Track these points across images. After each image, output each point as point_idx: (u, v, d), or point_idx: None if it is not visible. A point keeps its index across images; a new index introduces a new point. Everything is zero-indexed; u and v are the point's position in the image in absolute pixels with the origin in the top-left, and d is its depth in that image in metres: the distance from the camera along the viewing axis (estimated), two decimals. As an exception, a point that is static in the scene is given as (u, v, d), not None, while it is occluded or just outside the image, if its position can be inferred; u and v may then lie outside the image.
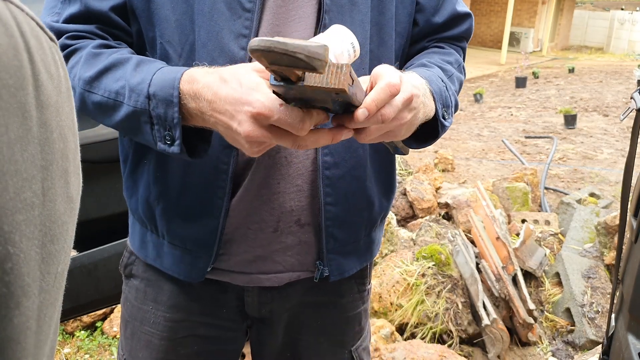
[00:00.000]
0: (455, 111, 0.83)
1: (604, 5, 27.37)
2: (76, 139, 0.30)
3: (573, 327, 2.60)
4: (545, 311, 2.76)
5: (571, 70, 13.28)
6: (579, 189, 4.66)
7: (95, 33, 0.77)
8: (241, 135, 0.63)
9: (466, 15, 0.92)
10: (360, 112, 0.61)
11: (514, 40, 18.80)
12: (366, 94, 0.65)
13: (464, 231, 3.07)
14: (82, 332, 2.42)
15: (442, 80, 0.80)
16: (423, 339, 2.41)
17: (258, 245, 0.85)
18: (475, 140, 6.81)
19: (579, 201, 3.76)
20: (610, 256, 2.84)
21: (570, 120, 7.37)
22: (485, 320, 2.34)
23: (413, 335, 2.44)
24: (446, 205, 3.48)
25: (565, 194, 4.36)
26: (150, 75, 0.69)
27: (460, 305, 2.47)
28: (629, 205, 1.26)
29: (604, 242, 2.91)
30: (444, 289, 2.49)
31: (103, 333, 2.43)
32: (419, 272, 2.53)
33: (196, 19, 0.74)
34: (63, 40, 0.76)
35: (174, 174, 0.82)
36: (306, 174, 0.83)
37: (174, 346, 0.94)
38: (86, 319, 2.44)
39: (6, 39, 0.23)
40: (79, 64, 0.74)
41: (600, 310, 2.57)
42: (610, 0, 28.65)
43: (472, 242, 2.84)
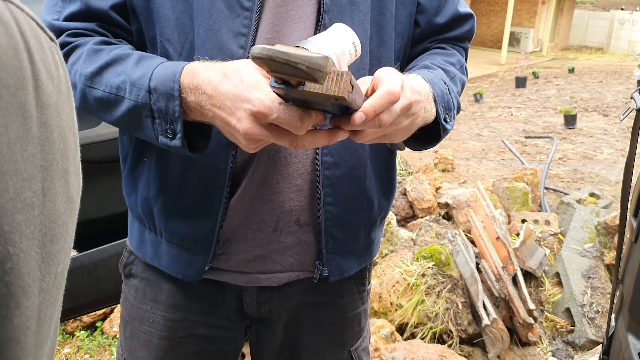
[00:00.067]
0: (457, 113, 0.83)
1: (604, 5, 27.37)
2: (76, 139, 0.30)
3: (573, 327, 2.60)
4: (545, 311, 2.76)
5: (571, 70, 13.28)
6: (579, 189, 4.66)
7: (95, 31, 0.78)
8: (240, 132, 0.63)
9: (468, 16, 0.92)
10: (357, 116, 0.62)
11: (514, 40, 18.80)
12: (367, 95, 0.66)
13: (464, 231, 3.07)
14: (82, 332, 2.42)
15: (445, 83, 0.79)
16: (423, 339, 2.40)
17: (257, 245, 0.85)
18: (475, 140, 6.81)
19: (579, 201, 3.76)
20: (610, 256, 2.84)
21: (570, 120, 7.37)
22: (485, 320, 2.34)
23: (413, 335, 2.44)
24: (446, 205, 3.48)
25: (565, 194, 4.36)
26: (151, 69, 0.69)
27: (460, 305, 2.46)
28: (629, 205, 1.26)
29: (604, 242, 2.91)
30: (444, 289, 2.49)
31: (103, 333, 2.43)
32: (419, 272, 2.53)
33: (195, 18, 0.74)
34: (64, 38, 0.76)
35: (172, 172, 0.82)
36: (306, 174, 0.83)
37: (173, 346, 0.94)
38: (86, 319, 2.44)
39: (6, 39, 0.23)
40: (80, 60, 0.74)
41: (600, 310, 2.57)
42: (610, 0, 28.64)
43: (472, 242, 2.84)
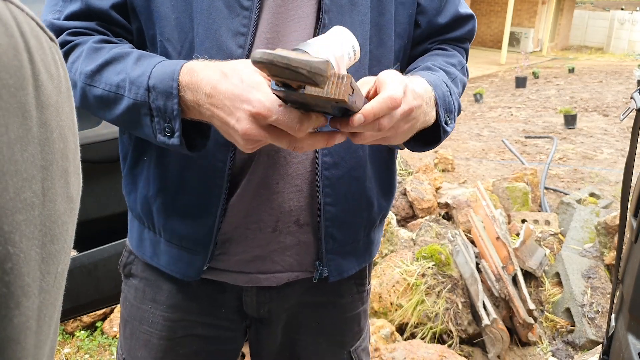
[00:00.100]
0: (457, 114, 0.83)
1: (604, 5, 27.36)
2: (76, 139, 0.30)
3: (573, 327, 2.60)
4: (545, 311, 2.76)
5: (571, 70, 13.28)
6: (579, 189, 4.66)
7: (95, 30, 0.78)
8: (238, 132, 0.63)
9: (469, 17, 0.92)
10: (356, 118, 0.63)
11: (514, 40, 18.80)
12: (368, 96, 0.66)
13: (464, 231, 3.07)
14: (82, 332, 2.42)
15: (446, 85, 0.80)
16: (423, 339, 2.40)
17: (257, 245, 0.85)
18: (475, 140, 6.81)
19: (579, 201, 3.76)
20: (610, 256, 2.84)
21: (570, 120, 7.37)
22: (485, 320, 2.34)
23: (413, 335, 2.44)
24: (446, 205, 3.48)
25: (565, 194, 4.36)
26: (150, 68, 0.69)
27: (460, 305, 2.46)
28: (629, 205, 1.26)
29: (604, 242, 2.91)
30: (444, 289, 2.49)
31: (103, 333, 2.43)
32: (419, 272, 2.53)
33: (195, 17, 0.75)
34: (64, 37, 0.77)
35: (172, 171, 0.82)
36: (305, 174, 0.83)
37: (173, 346, 0.94)
38: (86, 319, 2.44)
39: (6, 39, 0.23)
40: (80, 58, 0.74)
41: (600, 310, 2.57)
42: (610, 0, 28.64)
43: (472, 242, 2.84)
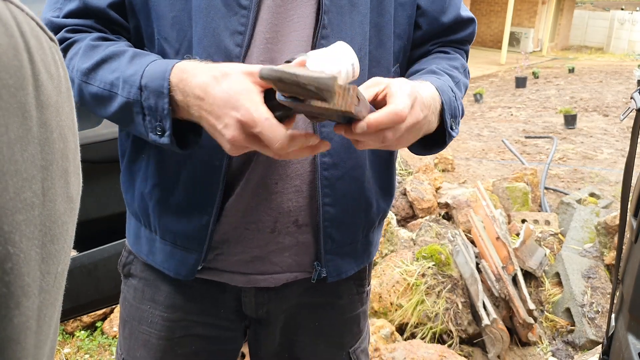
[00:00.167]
0: (461, 118, 0.84)
1: (604, 5, 27.36)
2: (76, 139, 0.30)
3: (573, 327, 2.60)
4: (545, 311, 2.76)
5: (571, 70, 13.28)
6: (579, 189, 4.66)
7: (93, 27, 0.79)
8: (225, 137, 0.65)
9: (470, 20, 0.93)
10: (359, 126, 0.63)
11: (514, 40, 18.80)
12: (377, 99, 0.68)
13: (464, 231, 3.07)
14: (82, 332, 2.42)
15: (452, 90, 0.80)
16: (423, 339, 2.40)
17: (255, 246, 0.85)
18: (475, 140, 6.81)
19: (579, 201, 3.76)
20: (610, 256, 2.84)
21: (570, 120, 7.37)
22: (485, 320, 2.34)
23: (413, 335, 2.44)
24: (446, 205, 3.48)
25: (565, 194, 4.36)
26: (143, 67, 0.70)
27: (460, 305, 2.46)
28: (629, 205, 1.26)
29: (604, 242, 2.91)
30: (444, 289, 2.49)
31: (103, 333, 2.43)
32: (419, 272, 2.53)
33: (193, 16, 0.75)
34: (62, 34, 0.78)
35: (169, 169, 0.82)
36: (305, 175, 0.83)
37: (172, 346, 0.93)
38: (86, 319, 2.44)
39: (6, 39, 0.23)
40: (77, 55, 0.76)
41: (600, 310, 2.57)
42: (610, 0, 28.64)
43: (472, 242, 2.84)
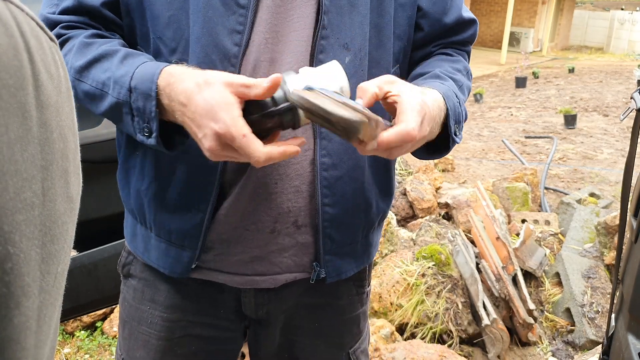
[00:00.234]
0: (464, 121, 0.84)
1: (604, 5, 27.36)
2: (76, 139, 0.30)
3: (573, 327, 2.60)
4: (545, 311, 2.76)
5: (571, 70, 13.28)
6: (579, 189, 4.66)
7: (88, 24, 0.80)
8: (204, 146, 0.67)
9: (472, 21, 0.93)
10: (369, 144, 0.64)
11: (514, 40, 18.80)
12: (385, 97, 0.69)
13: (464, 231, 3.07)
14: (82, 332, 2.42)
15: (456, 96, 0.80)
16: (423, 339, 2.40)
17: (255, 246, 0.85)
18: (475, 140, 6.81)
19: (579, 201, 3.76)
20: (610, 256, 2.84)
21: (570, 120, 7.37)
22: (485, 320, 2.34)
23: (413, 335, 2.44)
24: (446, 205, 3.48)
25: (565, 194, 4.36)
26: (134, 68, 0.71)
27: (460, 305, 2.46)
28: (629, 205, 1.26)
29: (604, 242, 2.91)
30: (444, 289, 2.49)
31: (103, 333, 2.43)
32: (419, 272, 2.53)
33: (191, 15, 0.75)
34: (58, 30, 0.79)
35: (164, 166, 0.83)
36: (304, 175, 0.82)
37: (172, 346, 0.93)
38: (86, 319, 2.44)
39: (6, 39, 0.23)
40: (71, 52, 0.77)
41: (600, 310, 2.57)
42: (610, 0, 28.64)
43: (472, 242, 2.84)
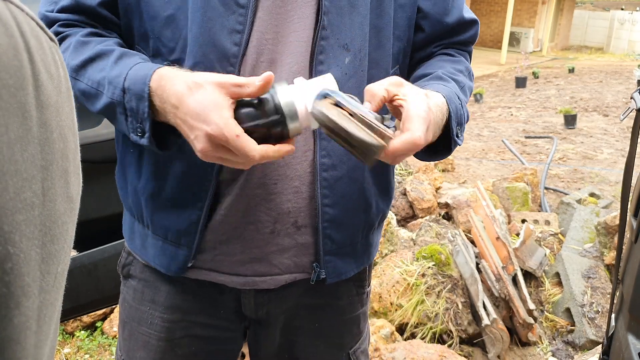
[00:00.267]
0: (466, 123, 0.84)
1: (604, 5, 27.36)
2: (76, 139, 0.30)
3: (573, 327, 2.60)
4: (545, 311, 2.76)
5: (571, 70, 13.28)
6: (579, 189, 4.66)
7: (85, 22, 0.81)
8: (196, 148, 0.67)
9: (473, 22, 0.93)
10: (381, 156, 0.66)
11: (514, 40, 18.80)
12: (392, 100, 0.69)
13: (464, 231, 3.07)
14: (82, 332, 2.42)
15: (458, 97, 0.80)
16: (423, 339, 2.40)
17: (255, 247, 0.85)
18: (475, 140, 6.81)
19: (579, 201, 3.76)
20: (610, 256, 2.84)
21: (570, 120, 7.37)
22: (485, 320, 2.34)
23: (413, 335, 2.44)
24: (446, 205, 3.48)
25: (565, 194, 4.36)
26: (127, 69, 0.72)
27: (460, 305, 2.46)
28: (629, 205, 1.26)
29: (604, 242, 2.91)
30: (444, 289, 2.49)
31: (103, 333, 2.43)
32: (419, 272, 2.53)
33: (189, 14, 0.75)
34: (55, 28, 0.80)
35: (161, 164, 0.83)
36: (304, 176, 0.82)
37: (172, 347, 0.93)
38: (86, 319, 2.44)
39: (6, 39, 0.23)
40: (67, 50, 0.78)
41: (600, 310, 2.57)
42: (610, 0, 28.64)
43: (472, 242, 2.84)
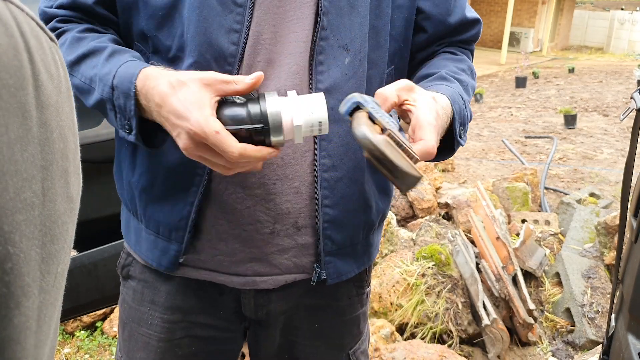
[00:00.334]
0: (469, 122, 0.84)
1: (604, 5, 27.36)
2: (76, 139, 0.30)
3: (573, 327, 2.60)
4: (545, 311, 2.76)
5: (571, 70, 13.28)
6: (579, 189, 4.66)
7: (83, 18, 0.83)
8: (179, 145, 0.68)
9: (475, 21, 0.93)
10: None
11: (514, 40, 18.80)
12: (401, 104, 0.71)
13: (464, 231, 3.07)
14: (82, 332, 2.42)
15: (462, 98, 0.80)
16: (423, 339, 2.40)
17: (254, 246, 0.85)
18: (475, 140, 6.81)
19: (579, 201, 3.76)
20: (610, 256, 2.84)
21: (570, 120, 7.37)
22: (485, 320, 2.34)
23: (413, 335, 2.44)
24: (446, 205, 3.48)
25: (565, 194, 4.36)
26: (117, 67, 0.73)
27: (460, 305, 2.46)
28: (629, 205, 1.26)
29: (604, 242, 2.91)
30: (444, 289, 2.49)
31: (103, 333, 2.43)
32: (419, 272, 2.53)
33: (186, 13, 0.75)
34: (53, 24, 0.82)
35: (154, 158, 0.83)
36: (304, 176, 0.82)
37: (172, 347, 0.93)
38: (86, 319, 2.44)
39: (6, 39, 0.23)
40: (64, 46, 0.79)
41: (600, 310, 2.57)
42: (610, 0, 28.64)
43: (472, 242, 2.84)
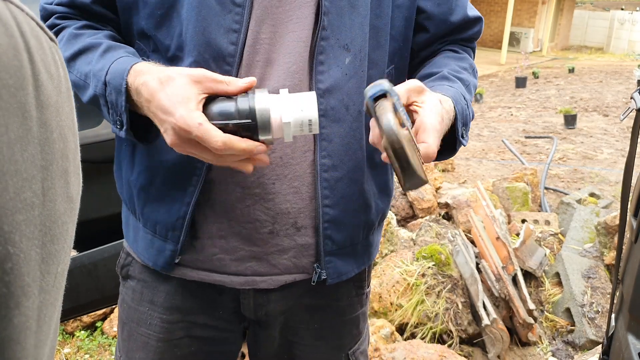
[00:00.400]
0: (471, 120, 0.85)
1: (604, 5, 27.36)
2: (76, 139, 0.30)
3: (573, 327, 2.60)
4: (545, 311, 2.76)
5: (571, 70, 13.28)
6: (579, 189, 4.66)
7: (81, 16, 0.83)
8: (167, 140, 0.68)
9: (477, 19, 0.93)
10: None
11: (514, 40, 18.79)
12: (408, 107, 0.71)
13: (464, 231, 3.07)
14: (82, 332, 2.42)
15: (464, 98, 0.81)
16: (423, 339, 2.40)
17: (254, 245, 0.85)
18: (475, 140, 6.81)
19: (579, 201, 3.76)
20: (610, 256, 2.84)
21: (570, 120, 7.37)
22: (485, 320, 2.34)
23: (413, 335, 2.44)
24: (446, 205, 3.48)
25: (565, 194, 4.36)
26: (109, 63, 0.74)
27: (460, 305, 2.46)
28: (629, 205, 1.26)
29: (604, 242, 2.91)
30: (444, 289, 2.49)
31: (103, 333, 2.43)
32: (419, 272, 2.53)
33: (185, 13, 0.75)
34: (52, 20, 0.83)
35: (152, 157, 0.83)
36: (304, 176, 0.82)
37: (171, 347, 0.93)
38: (86, 319, 2.44)
39: (6, 39, 0.23)
40: (61, 42, 0.80)
41: (600, 310, 2.57)
42: (610, 0, 28.64)
43: (472, 242, 2.84)
